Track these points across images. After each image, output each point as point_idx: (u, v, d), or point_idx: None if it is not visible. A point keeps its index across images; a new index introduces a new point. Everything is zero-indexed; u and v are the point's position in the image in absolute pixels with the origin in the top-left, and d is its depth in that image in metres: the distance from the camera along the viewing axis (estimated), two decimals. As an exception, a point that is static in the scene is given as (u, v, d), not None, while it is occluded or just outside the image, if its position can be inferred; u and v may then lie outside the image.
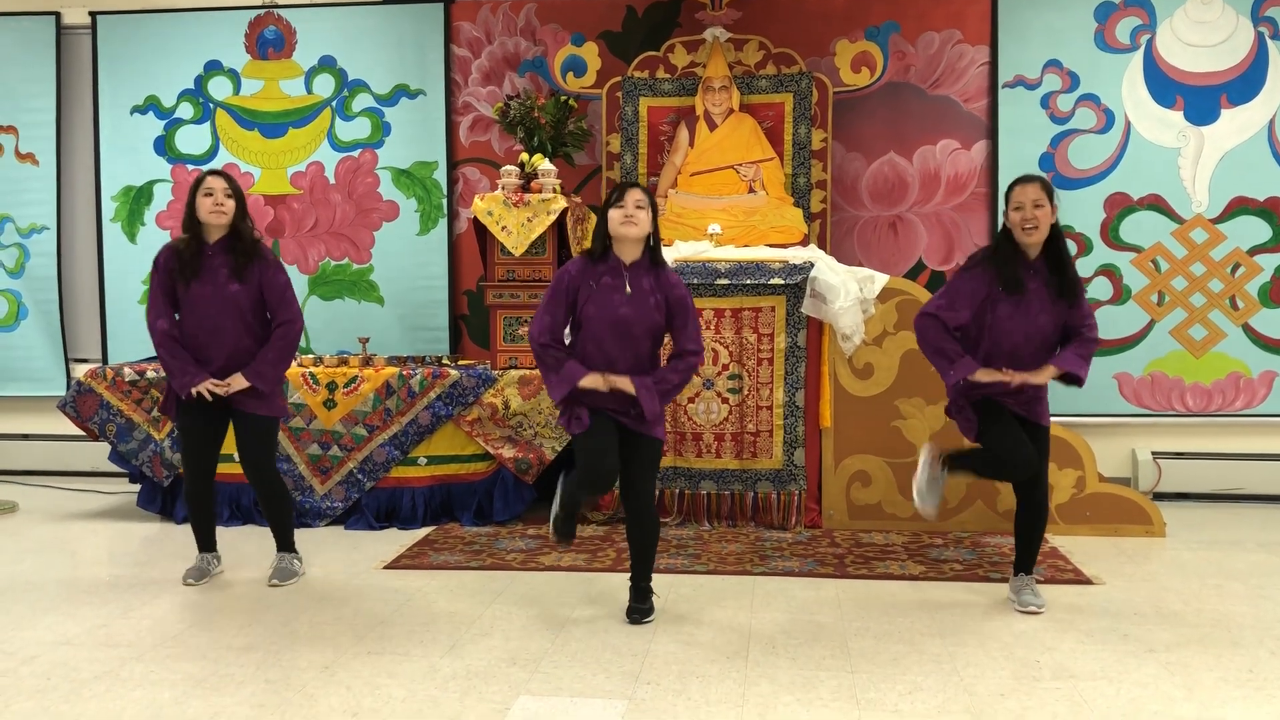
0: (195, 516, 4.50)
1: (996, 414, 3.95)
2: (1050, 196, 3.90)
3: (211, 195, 4.24)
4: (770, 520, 5.36)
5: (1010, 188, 3.96)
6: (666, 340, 3.97)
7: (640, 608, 3.91)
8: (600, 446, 3.81)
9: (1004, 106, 6.16)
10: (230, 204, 4.27)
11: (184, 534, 5.21)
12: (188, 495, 4.49)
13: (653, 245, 3.87)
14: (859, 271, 5.35)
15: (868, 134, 6.28)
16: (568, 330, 3.94)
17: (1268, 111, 5.98)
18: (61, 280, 6.90)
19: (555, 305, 3.85)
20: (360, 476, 5.43)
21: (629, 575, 3.98)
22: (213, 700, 3.16)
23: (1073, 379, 3.94)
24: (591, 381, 3.77)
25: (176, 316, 4.32)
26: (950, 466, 4.11)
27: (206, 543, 4.53)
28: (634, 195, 3.80)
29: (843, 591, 4.27)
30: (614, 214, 3.79)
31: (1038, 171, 6.08)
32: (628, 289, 3.80)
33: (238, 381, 4.26)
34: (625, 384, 3.77)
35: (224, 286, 4.25)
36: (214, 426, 4.39)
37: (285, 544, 4.52)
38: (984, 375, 3.89)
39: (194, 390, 4.23)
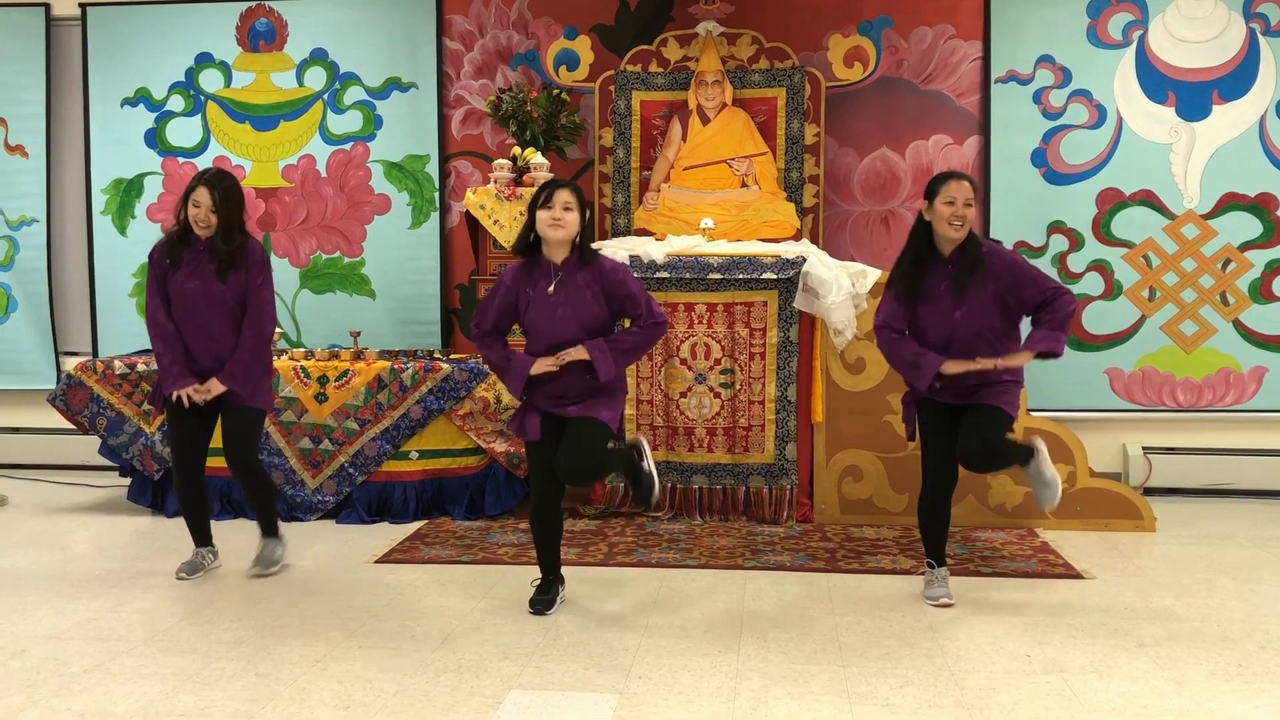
0: (187, 510, 4.49)
1: (932, 422, 4.00)
2: (984, 191, 3.92)
3: (199, 208, 4.24)
4: (762, 515, 5.36)
5: (943, 181, 3.88)
6: None
7: (639, 491, 3.94)
8: (543, 480, 3.90)
9: (996, 102, 6.16)
10: (214, 219, 4.25)
11: (175, 527, 5.20)
12: (178, 488, 4.48)
13: (579, 243, 3.86)
14: (851, 266, 5.35)
15: (860, 129, 6.28)
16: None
17: (1259, 108, 5.99)
18: (51, 273, 6.87)
19: (495, 306, 3.89)
20: (351, 470, 5.42)
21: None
22: (203, 694, 3.15)
23: (1048, 354, 3.87)
24: (542, 366, 3.79)
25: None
26: (932, 559, 4.14)
27: (201, 537, 4.51)
28: (562, 196, 3.78)
29: (834, 586, 4.28)
30: (542, 215, 3.78)
31: (1030, 168, 6.11)
32: (551, 289, 3.81)
33: (215, 386, 4.27)
34: (578, 353, 3.78)
35: (210, 282, 4.28)
36: (201, 420, 4.39)
37: (269, 529, 4.51)
38: (953, 366, 3.84)
39: (175, 394, 4.26)
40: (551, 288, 3.81)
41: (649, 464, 3.94)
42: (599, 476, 4.13)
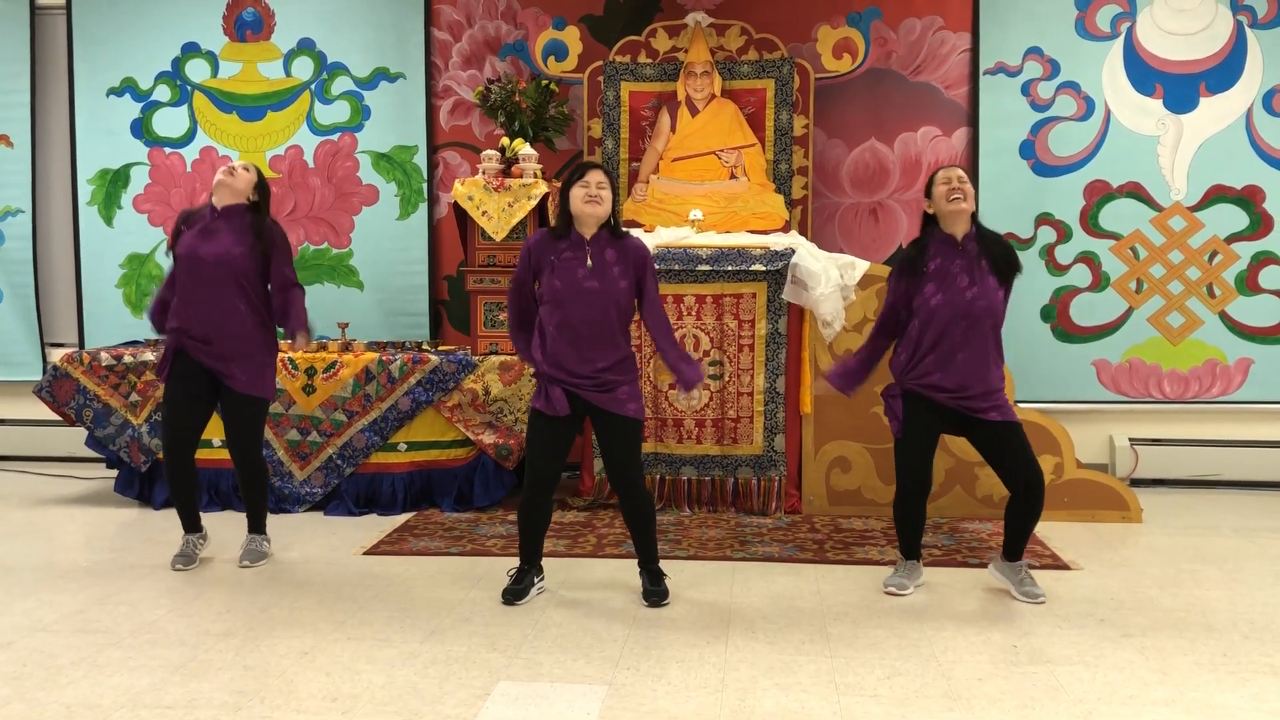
0: (177, 495, 4.46)
1: (915, 419, 3.98)
2: (973, 182, 3.99)
3: (231, 165, 4.38)
4: (750, 506, 5.37)
5: (932, 176, 4.01)
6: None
7: (655, 590, 3.93)
8: (543, 461, 3.90)
9: (985, 93, 6.17)
10: (245, 176, 4.36)
11: (162, 519, 5.19)
12: (168, 473, 4.45)
13: (612, 224, 3.90)
14: (840, 258, 5.35)
15: (849, 120, 6.28)
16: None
17: (1246, 100, 6.01)
18: (37, 264, 6.84)
19: (519, 291, 3.95)
20: (340, 462, 5.41)
21: (636, 561, 4.02)
22: (191, 686, 3.14)
23: None
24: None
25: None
26: (905, 554, 4.15)
27: (191, 523, 4.50)
28: (596, 176, 3.85)
29: (822, 577, 4.29)
30: (577, 192, 3.83)
31: (1019, 160, 6.12)
32: (589, 262, 3.82)
33: (301, 342, 4.42)
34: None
35: (220, 239, 4.28)
36: (200, 402, 4.37)
37: (258, 527, 4.54)
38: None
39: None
40: (589, 261, 3.82)
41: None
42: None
